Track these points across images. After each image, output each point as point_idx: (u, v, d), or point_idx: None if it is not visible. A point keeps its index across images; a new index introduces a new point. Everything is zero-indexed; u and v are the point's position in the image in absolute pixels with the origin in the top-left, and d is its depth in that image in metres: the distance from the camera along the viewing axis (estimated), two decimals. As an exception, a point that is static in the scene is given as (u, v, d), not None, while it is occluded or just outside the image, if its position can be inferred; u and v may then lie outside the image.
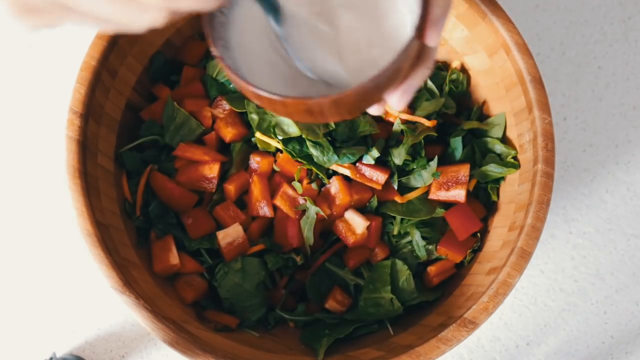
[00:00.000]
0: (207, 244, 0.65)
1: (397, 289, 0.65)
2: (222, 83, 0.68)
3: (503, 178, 0.66)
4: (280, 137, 0.63)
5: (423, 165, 0.65)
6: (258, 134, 0.64)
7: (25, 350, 0.74)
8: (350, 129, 0.65)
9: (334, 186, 0.64)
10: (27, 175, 0.77)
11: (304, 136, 0.62)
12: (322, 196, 0.65)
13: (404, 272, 0.64)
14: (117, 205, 0.64)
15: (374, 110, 0.47)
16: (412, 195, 0.65)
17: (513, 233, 0.60)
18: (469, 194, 0.66)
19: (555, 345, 0.76)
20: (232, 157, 0.67)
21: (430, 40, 0.42)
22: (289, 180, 0.65)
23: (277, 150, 0.66)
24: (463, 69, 0.69)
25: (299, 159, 0.63)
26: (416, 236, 0.65)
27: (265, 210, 0.65)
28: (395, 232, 0.66)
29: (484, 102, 0.68)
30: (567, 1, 0.80)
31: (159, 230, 0.66)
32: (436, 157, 0.64)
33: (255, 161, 0.65)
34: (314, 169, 0.63)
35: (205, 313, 0.64)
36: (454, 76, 0.68)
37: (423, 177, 0.65)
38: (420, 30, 0.41)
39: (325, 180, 0.65)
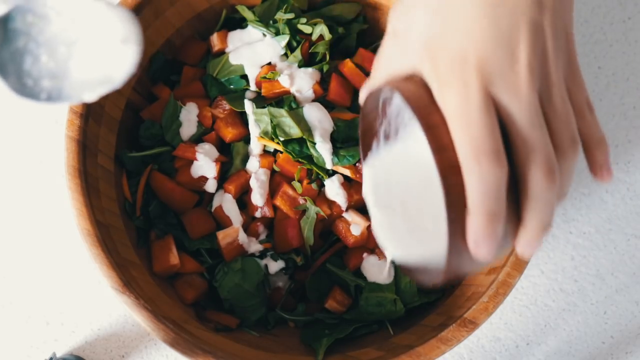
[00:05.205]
0: (207, 244, 0.65)
1: (400, 291, 0.65)
2: (222, 83, 0.68)
3: (503, 178, 0.66)
4: (282, 139, 0.63)
5: (423, 165, 0.65)
6: (258, 136, 0.64)
7: (25, 350, 0.74)
8: (350, 128, 0.64)
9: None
10: (27, 175, 0.77)
11: (305, 137, 0.62)
12: (322, 196, 0.65)
13: (408, 274, 0.65)
14: (117, 205, 0.64)
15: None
16: (412, 195, 0.65)
17: (513, 233, 0.60)
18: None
19: (555, 345, 0.76)
20: (232, 157, 0.66)
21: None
22: (289, 180, 0.65)
23: (277, 149, 0.66)
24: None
25: (299, 159, 0.63)
26: (416, 236, 0.65)
27: (265, 210, 0.65)
28: (395, 232, 0.66)
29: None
30: (567, 1, 0.80)
31: (159, 230, 0.66)
32: None
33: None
34: (314, 168, 0.63)
35: (205, 313, 0.64)
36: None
37: (423, 177, 0.65)
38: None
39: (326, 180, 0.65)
